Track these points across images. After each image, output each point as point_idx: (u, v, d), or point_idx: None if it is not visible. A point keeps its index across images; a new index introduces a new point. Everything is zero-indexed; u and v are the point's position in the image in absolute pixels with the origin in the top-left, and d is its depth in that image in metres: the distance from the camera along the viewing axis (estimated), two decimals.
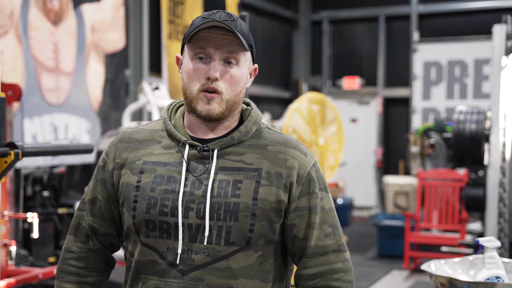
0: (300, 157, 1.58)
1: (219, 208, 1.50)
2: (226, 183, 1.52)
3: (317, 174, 1.60)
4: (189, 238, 1.51)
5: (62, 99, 6.24)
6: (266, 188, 1.53)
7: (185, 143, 1.56)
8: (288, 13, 11.47)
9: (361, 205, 11.05)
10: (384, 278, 6.52)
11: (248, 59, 1.58)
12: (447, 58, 10.18)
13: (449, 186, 6.78)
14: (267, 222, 1.53)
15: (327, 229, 1.58)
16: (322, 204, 1.59)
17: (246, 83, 1.59)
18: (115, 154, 1.61)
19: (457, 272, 2.30)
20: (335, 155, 5.55)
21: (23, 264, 5.04)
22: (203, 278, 1.50)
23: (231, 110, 1.56)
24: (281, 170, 1.55)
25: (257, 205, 1.51)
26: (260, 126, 1.62)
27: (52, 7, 6.10)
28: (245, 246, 1.51)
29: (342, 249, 1.59)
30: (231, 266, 1.51)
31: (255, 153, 1.56)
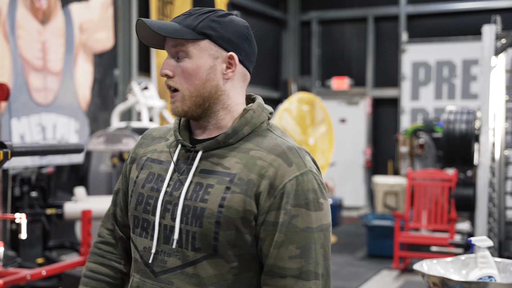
0: (280, 166, 1.43)
1: (188, 212, 1.44)
2: (200, 187, 1.45)
3: (296, 188, 1.41)
4: (164, 240, 1.47)
5: (50, 99, 6.19)
6: (234, 195, 1.42)
7: (178, 142, 1.52)
8: (277, 13, 11.46)
9: (351, 205, 11.07)
10: (374, 278, 6.53)
11: (207, 48, 1.47)
12: (435, 58, 10.22)
13: (438, 186, 6.80)
14: (235, 232, 1.42)
15: (293, 250, 1.40)
16: (293, 222, 1.41)
17: (214, 75, 1.48)
18: (134, 149, 1.64)
19: (449, 272, 2.29)
20: (325, 155, 5.55)
21: (11, 265, 4.98)
22: (173, 282, 1.46)
23: (202, 107, 1.48)
24: (254, 177, 1.42)
25: (222, 213, 1.42)
26: (259, 128, 1.51)
27: (40, 6, 6.05)
28: (212, 253, 1.43)
29: (305, 277, 1.40)
30: (199, 273, 1.44)
31: (237, 157, 1.46)
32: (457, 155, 4.91)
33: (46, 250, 5.79)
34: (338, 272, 6.76)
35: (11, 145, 2.15)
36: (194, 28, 1.47)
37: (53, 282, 5.15)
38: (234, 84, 1.51)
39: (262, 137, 1.49)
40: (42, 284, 5.12)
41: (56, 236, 6.21)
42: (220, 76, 1.48)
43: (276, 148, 1.46)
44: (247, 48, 1.55)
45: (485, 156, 4.79)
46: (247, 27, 1.56)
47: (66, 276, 4.30)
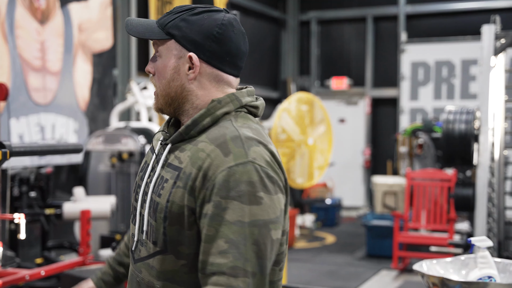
0: (216, 157, 1.38)
1: (151, 205, 1.46)
2: (161, 180, 1.46)
3: (228, 178, 1.35)
4: (140, 229, 1.50)
5: (49, 99, 6.18)
6: (178, 190, 1.40)
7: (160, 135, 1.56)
8: (276, 13, 11.46)
9: (350, 205, 11.06)
10: (373, 278, 6.53)
11: (171, 48, 1.47)
12: (434, 58, 10.22)
13: (437, 186, 6.80)
14: (178, 227, 1.40)
15: (222, 245, 1.33)
16: (223, 215, 1.34)
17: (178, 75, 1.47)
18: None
19: (449, 272, 2.29)
20: (324, 155, 5.54)
21: (10, 265, 4.97)
22: (142, 271, 1.48)
23: (172, 106, 1.49)
24: (193, 170, 1.39)
25: (168, 208, 1.41)
26: (221, 119, 1.46)
27: (39, 6, 6.04)
28: (164, 249, 1.42)
29: (232, 274, 1.31)
30: (155, 265, 1.45)
31: (190, 150, 1.44)
32: (456, 155, 4.91)
33: (45, 250, 5.78)
34: (337, 272, 6.76)
35: (10, 145, 2.14)
36: (164, 27, 1.47)
37: (52, 282, 5.14)
38: (202, 84, 1.48)
39: (218, 127, 1.44)
40: (41, 284, 5.11)
41: (55, 236, 6.21)
42: (184, 77, 1.47)
43: (219, 138, 1.41)
44: (214, 47, 1.46)
45: (485, 156, 4.78)
46: (222, 25, 1.46)
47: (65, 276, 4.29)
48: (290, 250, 7.66)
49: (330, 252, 7.80)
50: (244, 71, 3.79)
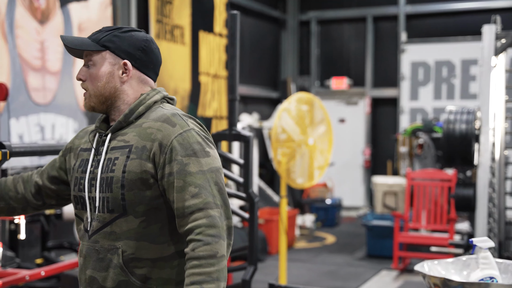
0: (166, 129, 1.79)
1: (103, 182, 1.81)
2: (109, 161, 1.82)
3: (183, 142, 1.78)
4: (93, 209, 1.84)
5: (48, 99, 6.17)
6: (133, 161, 1.78)
7: (95, 132, 1.91)
8: (276, 13, 11.45)
9: (350, 205, 11.05)
10: (373, 278, 6.52)
11: (107, 57, 1.86)
12: (434, 58, 10.21)
13: (437, 186, 6.79)
14: (137, 191, 1.78)
15: (193, 190, 1.74)
16: (186, 169, 1.75)
17: (113, 78, 1.85)
18: (72, 140, 2.03)
19: (450, 273, 2.28)
20: (324, 155, 5.53)
21: (10, 266, 4.97)
22: (98, 241, 1.82)
23: (106, 103, 1.87)
24: (146, 143, 1.79)
25: (125, 177, 1.78)
26: (152, 107, 1.87)
27: (38, 5, 6.03)
28: (123, 212, 1.79)
29: (208, 207, 1.74)
30: (114, 230, 1.80)
31: (134, 132, 1.82)
32: (457, 155, 4.90)
33: (45, 251, 5.77)
34: (337, 272, 6.75)
35: (10, 145, 2.14)
36: (98, 41, 1.85)
37: (52, 283, 5.13)
38: (131, 85, 1.88)
39: (154, 112, 1.86)
40: (41, 284, 5.10)
41: (55, 237, 6.19)
42: (117, 80, 1.86)
43: (161, 116, 1.83)
44: (142, 57, 1.89)
45: (485, 156, 4.78)
46: (146, 41, 1.90)
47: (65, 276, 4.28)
48: (290, 250, 7.66)
49: (330, 252, 7.79)
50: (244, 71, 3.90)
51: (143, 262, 1.79)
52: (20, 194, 2.04)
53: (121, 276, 1.79)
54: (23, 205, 2.06)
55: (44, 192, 2.05)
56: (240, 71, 10.09)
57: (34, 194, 2.04)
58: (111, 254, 1.79)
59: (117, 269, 1.79)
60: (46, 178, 2.03)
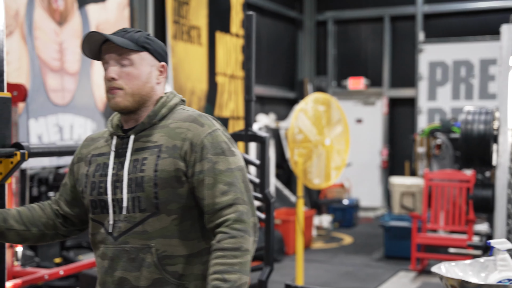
0: (195, 129, 1.85)
1: (132, 183, 1.83)
2: (137, 162, 1.84)
3: (212, 141, 1.84)
4: (118, 211, 1.85)
5: (67, 100, 6.22)
6: (165, 160, 1.82)
7: (112, 135, 1.92)
8: (293, 14, 11.44)
9: (367, 206, 11.01)
10: (391, 279, 6.49)
11: (147, 58, 1.90)
12: (452, 58, 10.13)
13: (456, 187, 6.74)
14: (170, 189, 1.82)
15: (222, 187, 1.81)
16: (216, 167, 1.82)
17: (151, 79, 1.90)
18: (78, 151, 2.03)
19: (468, 275, 2.27)
20: (341, 156, 5.51)
21: (29, 265, 5.02)
22: (128, 241, 1.83)
23: (140, 102, 1.89)
24: (177, 142, 1.83)
25: (157, 176, 1.81)
26: (173, 109, 1.92)
27: (57, 7, 6.09)
28: (155, 211, 1.82)
29: (237, 203, 1.80)
30: (146, 229, 1.82)
31: (161, 132, 1.86)
32: (475, 156, 4.86)
33: (64, 250, 5.82)
34: (355, 273, 6.73)
35: (28, 146, 2.16)
36: (136, 42, 1.88)
37: (70, 282, 5.18)
38: (160, 86, 1.94)
39: (177, 113, 1.91)
40: (60, 283, 5.15)
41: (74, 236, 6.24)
42: (154, 80, 1.91)
43: (189, 117, 1.88)
44: (166, 60, 1.97)
45: (504, 156, 4.73)
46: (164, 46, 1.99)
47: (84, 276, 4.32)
48: (307, 251, 7.64)
49: (347, 253, 7.77)
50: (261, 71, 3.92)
51: (176, 259, 1.82)
52: (51, 220, 2.04)
53: (155, 274, 1.81)
54: (52, 233, 2.05)
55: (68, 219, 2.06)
56: (257, 71, 10.17)
57: (62, 222, 2.05)
58: (144, 253, 1.82)
59: (152, 268, 1.81)
60: (65, 205, 2.03)
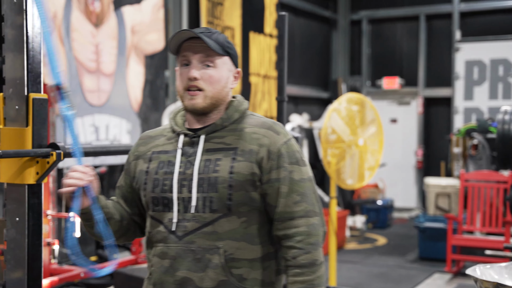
0: (271, 136, 1.87)
1: (203, 182, 1.82)
2: (209, 162, 1.84)
3: (288, 150, 1.86)
4: (183, 210, 1.83)
5: (103, 100, 6.32)
6: (240, 163, 1.82)
7: (179, 133, 1.91)
8: (327, 13, 11.40)
9: (401, 207, 10.90)
10: (426, 281, 6.42)
11: (227, 63, 1.91)
12: (490, 57, 9.96)
13: (493, 188, 6.63)
14: (244, 192, 1.81)
15: (295, 197, 1.83)
16: (291, 176, 1.85)
17: (228, 83, 1.91)
18: (134, 149, 2.00)
19: (503, 277, 2.23)
20: (375, 156, 5.47)
21: (66, 263, 5.11)
22: (195, 241, 1.81)
23: (215, 105, 1.89)
24: (254, 147, 1.84)
25: (233, 178, 1.81)
26: (244, 113, 1.93)
27: (93, 9, 6.18)
28: (227, 213, 1.81)
29: (308, 215, 1.83)
30: (216, 230, 1.81)
31: (235, 135, 1.87)
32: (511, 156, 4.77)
33: (99, 249, 5.91)
34: (389, 275, 6.67)
35: (64, 146, 2.20)
36: (221, 45, 1.88)
37: (105, 280, 5.26)
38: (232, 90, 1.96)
39: (249, 118, 1.93)
40: (95, 282, 5.23)
41: None
42: (229, 85, 1.92)
43: (264, 124, 1.90)
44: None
45: None
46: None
47: (118, 274, 4.38)
48: (340, 251, 7.61)
49: (381, 254, 7.71)
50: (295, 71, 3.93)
51: (241, 262, 1.82)
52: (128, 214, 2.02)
53: (221, 276, 1.81)
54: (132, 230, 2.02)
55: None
56: (291, 71, 10.17)
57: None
58: (210, 254, 1.80)
59: (218, 269, 1.80)
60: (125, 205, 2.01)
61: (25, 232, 2.20)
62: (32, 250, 2.22)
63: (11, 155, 2.11)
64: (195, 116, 1.90)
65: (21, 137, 2.19)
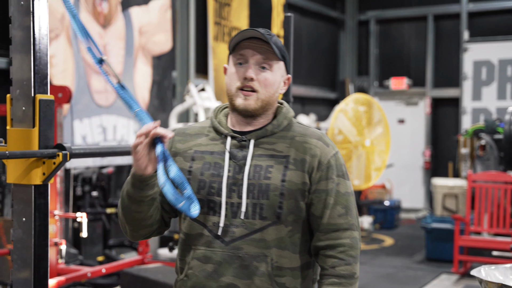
0: (322, 147, 1.86)
1: (254, 189, 1.80)
2: (260, 168, 1.81)
3: (336, 162, 1.87)
4: (232, 215, 1.80)
5: (110, 101, 6.34)
6: (292, 172, 1.81)
7: (227, 135, 1.86)
8: (335, 13, 11.39)
9: (409, 207, 10.88)
10: (432, 282, 6.40)
11: (281, 68, 1.89)
12: (498, 57, 9.92)
13: (500, 188, 6.61)
14: (294, 201, 1.81)
15: (340, 209, 1.84)
16: (337, 188, 1.85)
17: (279, 89, 1.88)
18: (170, 145, 1.92)
19: (508, 278, 2.23)
20: (381, 157, 5.47)
21: (73, 262, 5.14)
22: (242, 247, 1.79)
23: (265, 108, 1.86)
24: (306, 157, 1.83)
25: (285, 186, 1.80)
26: (291, 121, 1.91)
27: (101, 10, 6.21)
28: (276, 221, 1.80)
29: (351, 228, 1.85)
30: (265, 237, 1.79)
31: (285, 143, 1.85)
32: None
33: (106, 249, 5.94)
34: (396, 275, 6.66)
35: (70, 147, 2.22)
36: (280, 50, 1.86)
37: (112, 280, 5.28)
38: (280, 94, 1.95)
39: (298, 127, 1.91)
40: (102, 281, 5.25)
41: (116, 235, 6.37)
42: (279, 90, 1.90)
43: (314, 134, 1.89)
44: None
45: None
46: None
47: (125, 274, 4.40)
48: None
49: (388, 254, 7.70)
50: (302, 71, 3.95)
51: (284, 271, 1.82)
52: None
53: (267, 284, 1.80)
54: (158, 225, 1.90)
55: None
56: (298, 71, 10.18)
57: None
58: (258, 262, 1.79)
59: (264, 277, 1.79)
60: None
61: (32, 232, 2.21)
62: (39, 250, 2.23)
63: (18, 155, 2.13)
64: (244, 118, 1.87)
65: (27, 138, 2.21)
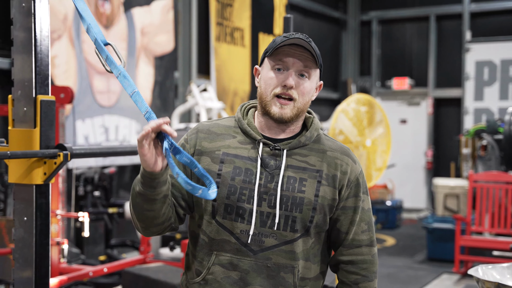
0: (351, 164, 1.88)
1: (287, 201, 1.79)
2: (294, 180, 1.80)
3: (362, 180, 1.89)
4: (260, 224, 1.78)
5: (113, 101, 6.37)
6: (325, 188, 1.82)
7: (260, 141, 1.82)
8: (337, 14, 11.40)
9: (410, 207, 10.88)
10: (433, 282, 6.41)
11: (317, 76, 1.85)
12: (500, 57, 9.92)
13: (501, 188, 6.61)
14: (323, 215, 1.82)
15: (363, 226, 1.88)
16: (363, 205, 1.89)
17: (312, 96, 1.85)
18: (195, 142, 1.85)
19: (505, 278, 2.25)
20: (382, 157, 5.48)
21: (75, 262, 5.17)
22: (271, 258, 1.78)
23: (298, 116, 1.83)
24: (337, 173, 1.84)
25: (318, 201, 1.81)
26: (319, 133, 1.90)
27: (104, 11, 6.24)
28: (304, 233, 1.81)
29: (373, 245, 1.90)
30: (294, 249, 1.80)
31: (317, 156, 1.85)
32: None
33: (108, 248, 5.96)
34: (397, 275, 6.67)
35: (71, 147, 2.24)
36: (318, 57, 1.81)
37: (114, 279, 5.31)
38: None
39: (326, 140, 1.91)
40: (104, 280, 5.28)
41: (118, 235, 6.40)
42: (311, 98, 1.86)
43: (342, 149, 1.90)
44: None
45: None
46: None
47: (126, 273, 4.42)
48: None
49: (389, 254, 7.71)
50: None
51: (305, 281, 1.85)
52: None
53: None
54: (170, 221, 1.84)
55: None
56: None
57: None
58: (285, 273, 1.80)
59: None
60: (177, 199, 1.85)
61: (33, 231, 2.24)
62: (40, 249, 2.26)
63: (19, 155, 2.15)
64: (276, 124, 1.83)
65: (29, 138, 2.23)
